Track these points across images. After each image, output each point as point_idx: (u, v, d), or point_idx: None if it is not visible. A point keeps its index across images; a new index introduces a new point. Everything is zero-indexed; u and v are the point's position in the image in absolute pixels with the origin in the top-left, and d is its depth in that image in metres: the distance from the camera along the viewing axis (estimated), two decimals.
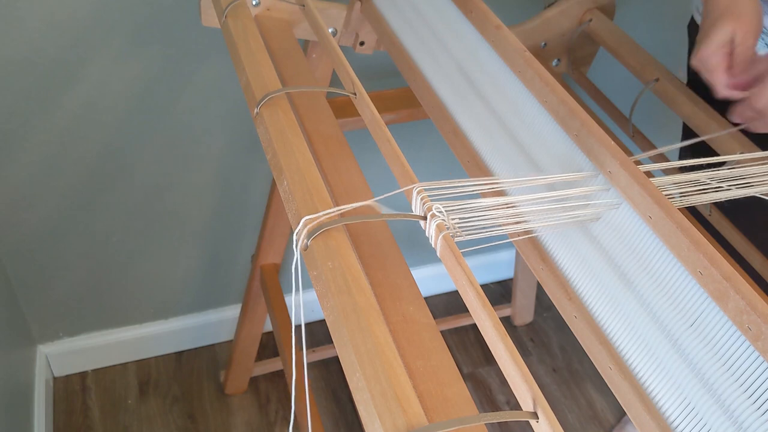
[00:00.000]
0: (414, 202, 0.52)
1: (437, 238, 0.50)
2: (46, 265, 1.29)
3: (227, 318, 1.50)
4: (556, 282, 0.58)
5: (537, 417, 0.41)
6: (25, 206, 1.20)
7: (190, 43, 1.09)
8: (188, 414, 1.42)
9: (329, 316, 0.49)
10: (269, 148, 0.61)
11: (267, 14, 0.89)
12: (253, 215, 1.36)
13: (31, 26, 1.01)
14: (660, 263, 0.52)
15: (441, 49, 0.78)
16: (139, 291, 1.40)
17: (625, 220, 0.55)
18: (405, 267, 0.60)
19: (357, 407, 0.45)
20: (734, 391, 0.46)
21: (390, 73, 1.17)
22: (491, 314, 0.45)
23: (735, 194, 0.57)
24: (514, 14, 1.18)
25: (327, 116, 0.77)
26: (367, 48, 0.98)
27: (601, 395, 1.51)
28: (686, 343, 0.49)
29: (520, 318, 1.65)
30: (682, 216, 0.51)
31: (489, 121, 0.69)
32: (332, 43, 0.69)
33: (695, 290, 0.49)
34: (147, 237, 1.32)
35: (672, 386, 0.49)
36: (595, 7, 0.97)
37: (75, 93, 1.09)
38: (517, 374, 0.42)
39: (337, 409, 1.45)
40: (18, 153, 1.13)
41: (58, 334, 1.40)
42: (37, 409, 1.30)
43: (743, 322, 0.45)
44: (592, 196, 0.56)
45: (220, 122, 1.21)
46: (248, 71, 0.68)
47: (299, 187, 0.56)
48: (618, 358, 0.53)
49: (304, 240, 0.52)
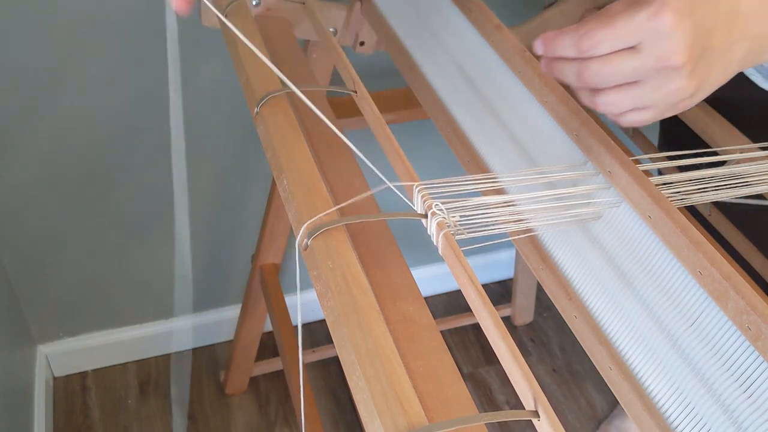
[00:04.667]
0: (415, 200, 0.53)
1: (438, 236, 0.50)
2: (46, 265, 1.29)
3: (227, 318, 1.50)
4: (556, 282, 0.58)
5: (538, 416, 0.41)
6: (25, 206, 1.20)
7: (189, 43, 1.09)
8: (188, 414, 1.42)
9: (329, 315, 0.49)
10: (269, 148, 0.61)
11: (267, 14, 0.88)
12: (253, 215, 1.36)
13: (32, 26, 1.01)
14: (660, 263, 0.52)
15: (441, 49, 0.78)
16: (139, 291, 1.40)
17: (625, 220, 0.55)
18: (405, 267, 0.60)
19: (357, 407, 0.45)
20: (734, 391, 0.46)
21: (390, 73, 1.17)
22: (492, 312, 0.45)
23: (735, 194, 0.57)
24: (514, 14, 1.18)
25: (327, 116, 0.77)
26: (367, 48, 0.98)
27: (601, 395, 1.51)
28: (686, 343, 0.49)
29: (520, 318, 1.65)
30: (681, 216, 0.51)
31: (489, 120, 0.69)
32: (332, 40, 0.69)
33: (695, 290, 0.49)
34: (147, 237, 1.32)
35: (672, 386, 0.49)
36: (595, 7, 0.96)
37: (75, 93, 1.09)
38: (518, 372, 0.42)
39: (337, 409, 1.45)
40: (18, 153, 1.13)
41: (58, 334, 1.40)
42: (37, 409, 1.30)
43: (743, 322, 0.45)
44: (592, 195, 0.56)
45: (220, 121, 1.21)
46: (248, 71, 0.68)
47: (299, 186, 0.56)
48: (618, 358, 0.53)
49: (305, 240, 0.52)
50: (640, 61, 0.43)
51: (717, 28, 0.42)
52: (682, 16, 0.41)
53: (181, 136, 0.53)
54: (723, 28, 0.42)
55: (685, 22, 0.41)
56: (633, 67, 0.43)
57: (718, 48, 0.43)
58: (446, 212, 0.51)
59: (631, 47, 0.43)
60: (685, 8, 0.41)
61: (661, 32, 0.42)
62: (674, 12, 0.41)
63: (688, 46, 0.42)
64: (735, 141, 0.74)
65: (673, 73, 0.43)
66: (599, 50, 0.44)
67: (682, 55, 0.42)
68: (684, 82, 0.43)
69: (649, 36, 0.42)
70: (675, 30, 0.41)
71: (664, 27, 0.41)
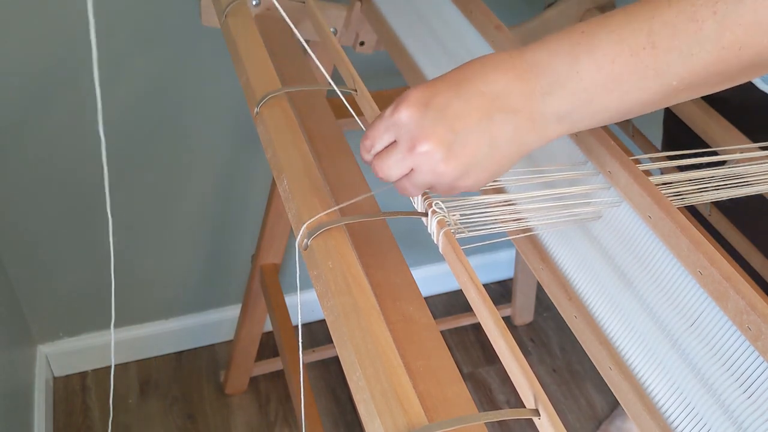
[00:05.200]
0: (415, 198, 0.53)
1: (439, 234, 0.50)
2: (46, 265, 1.29)
3: (227, 318, 1.50)
4: (556, 282, 0.58)
5: (539, 414, 0.41)
6: (25, 206, 1.20)
7: (189, 43, 1.09)
8: (188, 414, 1.42)
9: (329, 315, 0.49)
10: (269, 148, 0.61)
11: (267, 14, 0.88)
12: (253, 215, 1.36)
13: (32, 27, 1.01)
14: (660, 263, 0.52)
15: (441, 49, 0.78)
16: (139, 291, 1.40)
17: (625, 220, 0.55)
18: (405, 267, 0.60)
19: (357, 406, 0.45)
20: (734, 390, 0.46)
21: (390, 73, 1.17)
22: (492, 311, 0.45)
23: (735, 194, 0.57)
24: (514, 14, 1.18)
25: (327, 116, 0.77)
26: (367, 48, 0.98)
27: (601, 395, 1.51)
28: (686, 343, 0.49)
29: (520, 318, 1.65)
30: (681, 216, 0.51)
31: None
32: (332, 39, 0.69)
33: (695, 290, 0.49)
34: (147, 237, 1.32)
35: (672, 386, 0.49)
36: (595, 7, 0.97)
37: (75, 93, 1.09)
38: (518, 371, 0.42)
39: (337, 409, 1.45)
40: (18, 154, 1.13)
41: (58, 334, 1.40)
42: (37, 409, 1.30)
43: (743, 321, 0.45)
44: (592, 194, 0.56)
45: (220, 121, 1.21)
46: (248, 71, 0.68)
47: (299, 186, 0.56)
48: (618, 358, 0.53)
49: (305, 239, 0.52)
50: (401, 153, 0.47)
51: (466, 110, 0.45)
52: (417, 107, 0.45)
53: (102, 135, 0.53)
54: (473, 110, 0.45)
55: (423, 112, 0.45)
56: (398, 159, 0.47)
57: (474, 128, 0.45)
58: (446, 211, 0.51)
59: (393, 142, 0.47)
60: (421, 100, 0.45)
61: (402, 124, 0.46)
62: (409, 105, 0.46)
63: (431, 132, 0.45)
64: (735, 141, 0.74)
65: (429, 158, 0.46)
66: (376, 149, 0.49)
67: (427, 140, 0.45)
68: (442, 165, 0.46)
69: (396, 129, 0.47)
70: (412, 120, 0.45)
71: (403, 119, 0.46)
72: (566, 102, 0.46)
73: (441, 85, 0.46)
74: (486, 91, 0.45)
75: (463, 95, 0.45)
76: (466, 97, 0.45)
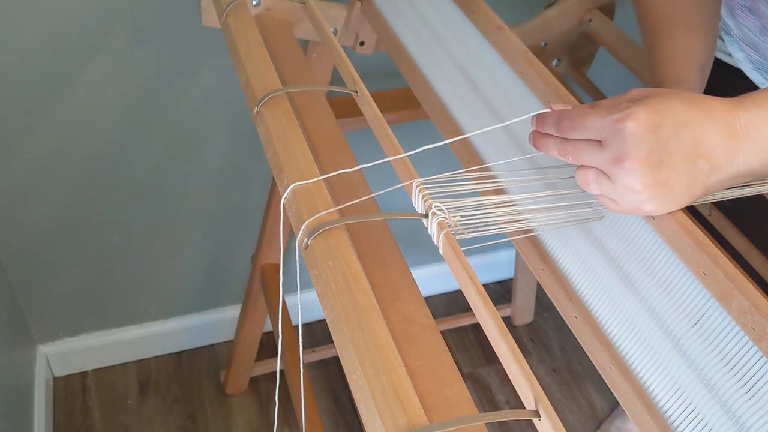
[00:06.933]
0: (415, 199, 0.52)
1: (439, 236, 0.50)
2: (46, 265, 1.29)
3: (227, 318, 1.50)
4: (556, 282, 0.58)
5: (539, 415, 0.41)
6: (25, 206, 1.20)
7: (190, 42, 1.09)
8: (188, 414, 1.42)
9: (329, 315, 0.49)
10: (269, 147, 0.61)
11: (267, 14, 0.88)
12: (253, 215, 1.36)
13: (32, 27, 1.01)
14: (662, 263, 0.52)
15: (441, 49, 0.78)
16: (139, 291, 1.40)
17: (627, 221, 0.55)
18: (405, 267, 0.60)
19: (357, 406, 0.45)
20: (737, 391, 0.45)
21: (390, 73, 1.17)
22: (492, 311, 0.45)
23: (735, 194, 0.57)
24: (514, 14, 1.18)
25: (327, 116, 0.77)
26: (367, 48, 0.98)
27: (601, 395, 1.51)
28: (688, 344, 0.49)
29: (520, 318, 1.65)
30: (684, 216, 0.51)
31: (490, 121, 0.69)
32: (332, 39, 0.69)
33: (698, 290, 0.49)
34: (147, 237, 1.32)
35: (673, 386, 0.49)
36: (595, 7, 0.97)
37: (75, 94, 1.09)
38: (518, 372, 0.42)
39: (337, 409, 1.45)
40: (18, 154, 1.13)
41: (58, 334, 1.40)
42: (37, 409, 1.30)
43: (747, 322, 0.45)
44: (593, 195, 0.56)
45: (220, 121, 1.21)
46: (248, 71, 0.68)
47: (299, 186, 0.56)
48: (618, 358, 0.52)
49: (305, 239, 0.52)
50: (602, 155, 0.50)
51: (678, 150, 0.49)
52: (644, 129, 0.48)
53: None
54: (684, 153, 0.49)
55: (646, 135, 0.48)
56: (598, 160, 0.51)
57: (678, 167, 0.49)
58: (447, 212, 0.51)
59: (598, 141, 0.50)
60: (650, 124, 0.48)
61: (621, 136, 0.49)
62: (638, 123, 0.48)
63: (644, 155, 0.48)
64: None
65: (627, 173, 0.49)
66: (572, 135, 0.52)
67: (635, 159, 0.48)
68: (636, 184, 0.49)
69: (611, 136, 0.49)
70: (633, 137, 0.48)
71: (625, 133, 0.48)
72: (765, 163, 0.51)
73: (669, 119, 0.49)
74: (700, 138, 0.49)
75: (682, 137, 0.49)
76: (683, 139, 0.49)
